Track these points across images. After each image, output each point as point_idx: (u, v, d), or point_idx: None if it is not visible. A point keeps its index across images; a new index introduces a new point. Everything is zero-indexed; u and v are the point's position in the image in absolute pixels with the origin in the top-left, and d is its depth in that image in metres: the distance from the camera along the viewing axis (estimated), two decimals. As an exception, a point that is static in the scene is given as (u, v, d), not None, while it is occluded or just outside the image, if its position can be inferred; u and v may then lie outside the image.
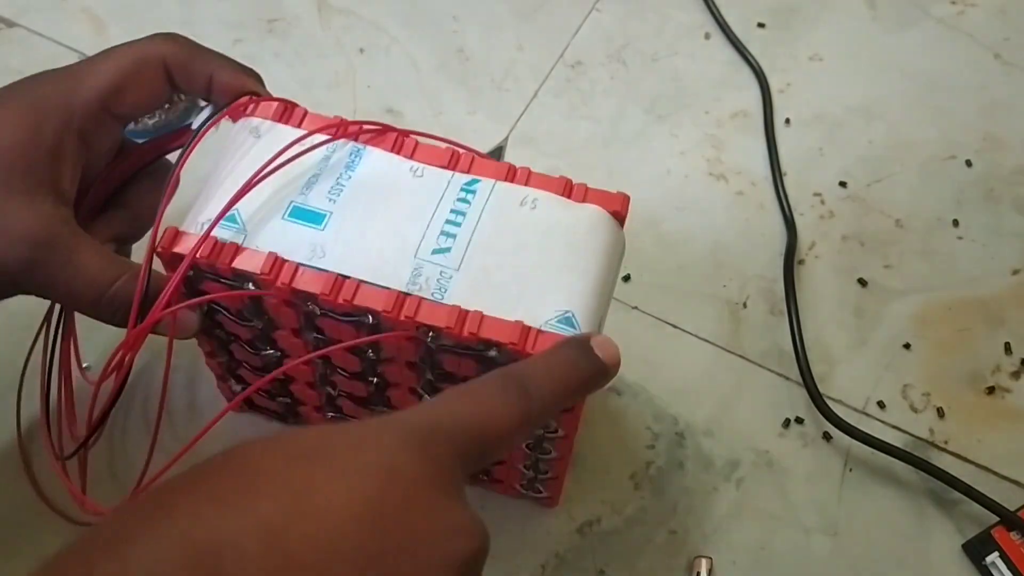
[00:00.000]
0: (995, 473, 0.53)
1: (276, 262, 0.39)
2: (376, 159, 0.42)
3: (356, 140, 0.42)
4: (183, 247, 0.39)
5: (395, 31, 0.69)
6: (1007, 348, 0.57)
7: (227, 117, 0.43)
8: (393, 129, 0.43)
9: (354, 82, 0.66)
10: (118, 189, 0.45)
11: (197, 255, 0.39)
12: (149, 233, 0.40)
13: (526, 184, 0.41)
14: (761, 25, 0.70)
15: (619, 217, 0.41)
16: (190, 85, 0.43)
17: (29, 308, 0.54)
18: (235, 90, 0.43)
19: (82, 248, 0.39)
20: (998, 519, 0.50)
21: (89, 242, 0.40)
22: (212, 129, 0.43)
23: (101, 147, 0.42)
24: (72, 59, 0.65)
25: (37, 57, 0.66)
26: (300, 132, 0.42)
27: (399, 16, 0.70)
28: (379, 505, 0.26)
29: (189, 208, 0.41)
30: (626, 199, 0.42)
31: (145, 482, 0.44)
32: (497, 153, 0.64)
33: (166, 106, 0.59)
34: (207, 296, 0.40)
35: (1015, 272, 0.60)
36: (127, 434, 0.52)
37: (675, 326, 0.57)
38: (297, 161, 0.41)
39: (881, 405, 0.55)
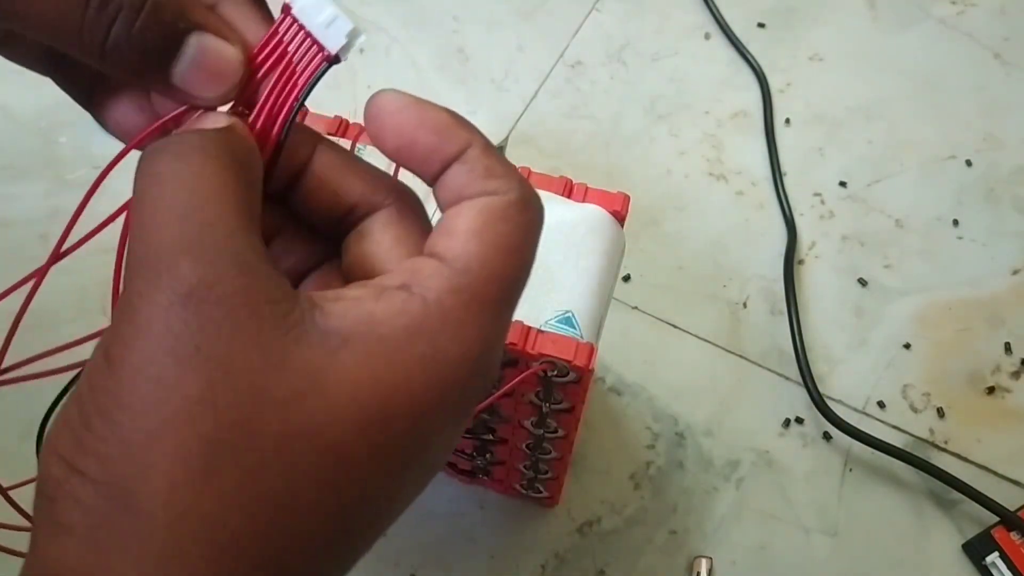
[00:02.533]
0: (995, 473, 0.53)
1: (276, 262, 0.39)
2: (376, 159, 0.42)
3: (356, 140, 0.42)
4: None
5: (395, 31, 0.69)
6: (1007, 348, 0.57)
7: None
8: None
9: (354, 82, 0.66)
10: None
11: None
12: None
13: (526, 184, 0.41)
14: (761, 25, 0.70)
15: (619, 217, 0.41)
16: None
17: (30, 307, 0.54)
18: None
19: None
20: (998, 519, 0.50)
21: None
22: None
23: None
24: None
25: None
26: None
27: (399, 16, 0.70)
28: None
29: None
30: (626, 199, 0.42)
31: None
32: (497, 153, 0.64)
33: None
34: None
35: (1015, 272, 0.60)
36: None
37: (675, 326, 0.57)
38: (297, 161, 0.41)
39: (881, 405, 0.55)
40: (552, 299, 0.38)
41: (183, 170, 0.23)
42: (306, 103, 0.33)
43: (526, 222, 0.25)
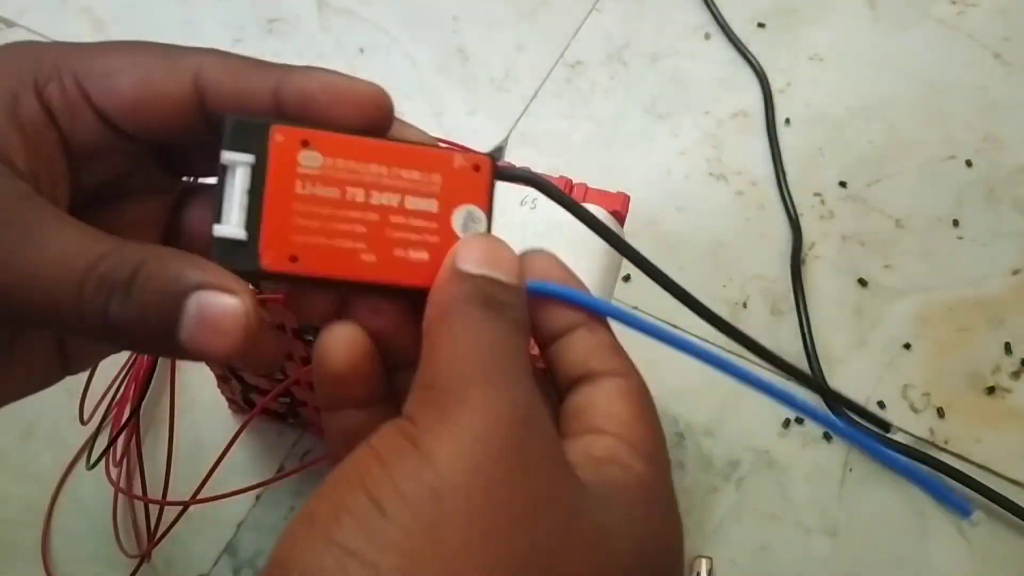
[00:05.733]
0: (995, 473, 0.53)
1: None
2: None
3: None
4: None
5: (395, 31, 0.69)
6: (1007, 348, 0.57)
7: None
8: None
9: (354, 82, 0.66)
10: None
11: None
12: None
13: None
14: (761, 25, 0.70)
15: (619, 217, 0.41)
16: (239, 102, 0.27)
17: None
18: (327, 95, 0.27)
19: (48, 221, 0.25)
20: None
21: (62, 216, 0.26)
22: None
23: (82, 143, 0.28)
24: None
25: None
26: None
27: (399, 16, 0.70)
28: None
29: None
30: (626, 199, 0.42)
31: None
32: (497, 153, 0.64)
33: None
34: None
35: (1015, 272, 0.60)
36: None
37: (675, 326, 0.57)
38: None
39: (881, 405, 0.55)
40: (552, 299, 0.38)
41: (510, 322, 0.25)
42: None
43: (653, 402, 0.28)
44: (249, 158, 0.25)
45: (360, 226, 0.25)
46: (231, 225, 0.24)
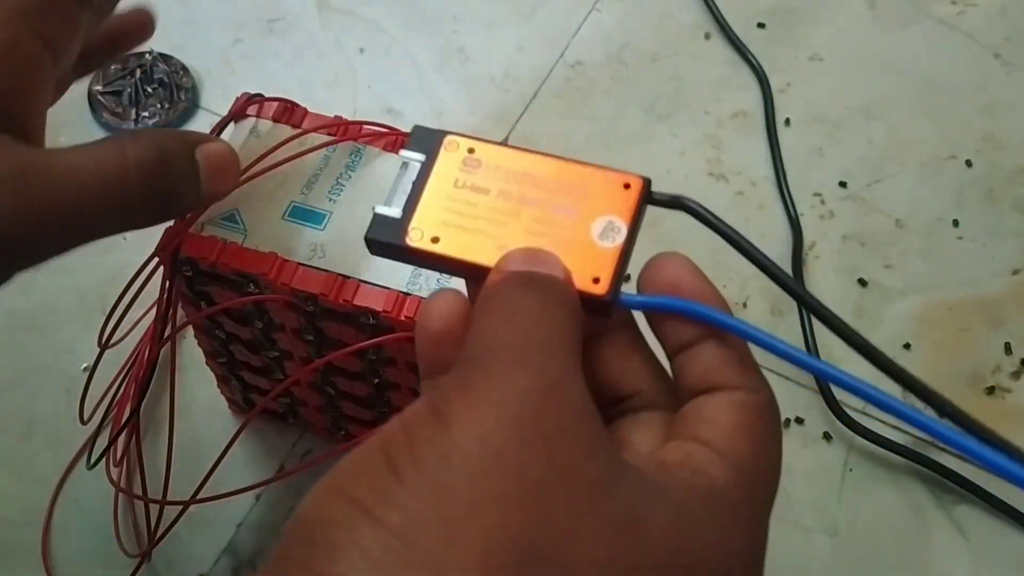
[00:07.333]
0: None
1: (276, 262, 0.39)
2: (376, 159, 0.42)
3: (356, 140, 0.42)
4: (184, 247, 0.39)
5: (395, 31, 0.69)
6: (1007, 348, 0.57)
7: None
8: (394, 132, 0.43)
9: (354, 82, 0.66)
10: None
11: (198, 255, 0.39)
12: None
13: (526, 184, 0.41)
14: (761, 25, 0.70)
15: (619, 217, 0.41)
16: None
17: (30, 307, 0.54)
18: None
19: (62, 155, 0.31)
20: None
21: (66, 150, 0.32)
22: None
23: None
24: (72, 59, 0.65)
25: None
26: (300, 132, 0.42)
27: (399, 16, 0.70)
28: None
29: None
30: (626, 199, 0.42)
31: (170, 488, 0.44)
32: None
33: (166, 106, 0.59)
34: (217, 307, 0.40)
35: (1015, 272, 0.60)
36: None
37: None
38: (297, 161, 0.41)
39: (881, 405, 0.55)
40: (552, 299, 0.38)
41: (549, 300, 0.25)
42: (305, 103, 0.33)
43: (777, 424, 0.26)
44: (420, 156, 0.28)
45: (501, 223, 0.27)
46: (391, 207, 0.28)
